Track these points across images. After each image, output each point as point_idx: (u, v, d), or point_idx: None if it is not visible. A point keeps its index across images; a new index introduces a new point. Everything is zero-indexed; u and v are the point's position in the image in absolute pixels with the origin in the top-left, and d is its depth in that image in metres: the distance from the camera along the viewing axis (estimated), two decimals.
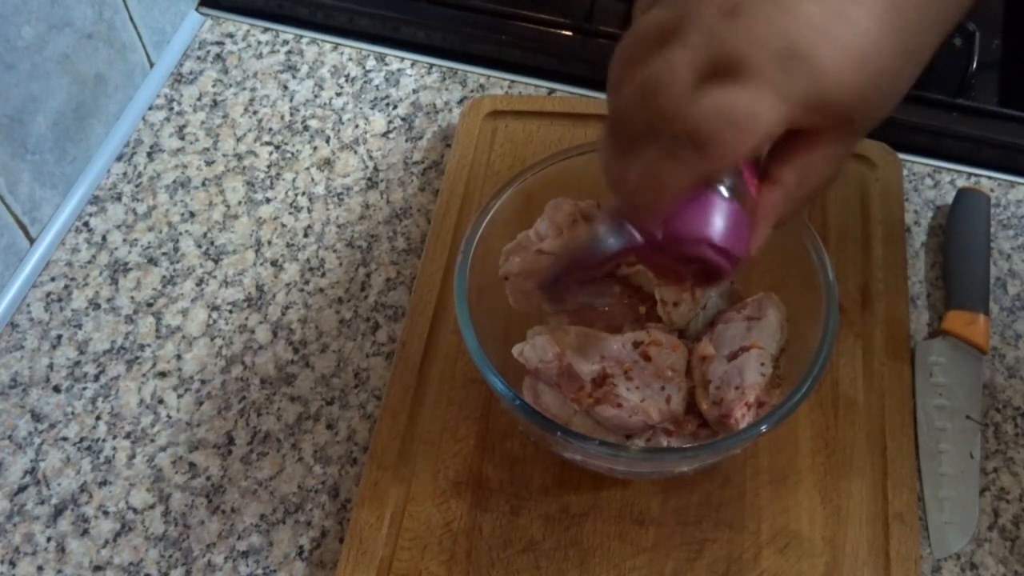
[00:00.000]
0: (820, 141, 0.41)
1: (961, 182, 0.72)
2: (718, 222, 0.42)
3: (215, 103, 0.76)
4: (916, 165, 0.73)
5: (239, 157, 0.73)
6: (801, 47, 0.38)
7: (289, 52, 0.79)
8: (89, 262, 0.68)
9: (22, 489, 0.60)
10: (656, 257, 0.45)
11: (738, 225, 0.42)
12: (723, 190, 0.42)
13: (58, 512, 0.59)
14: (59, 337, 0.65)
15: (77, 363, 0.64)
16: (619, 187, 0.42)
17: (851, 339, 0.62)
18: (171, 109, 0.76)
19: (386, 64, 0.78)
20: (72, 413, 0.62)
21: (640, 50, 0.40)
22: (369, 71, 0.78)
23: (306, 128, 0.75)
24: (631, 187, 0.41)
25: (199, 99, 0.76)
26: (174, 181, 0.72)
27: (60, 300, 0.67)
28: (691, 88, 0.38)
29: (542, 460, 0.58)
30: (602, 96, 0.75)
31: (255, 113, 0.76)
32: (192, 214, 0.70)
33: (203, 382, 0.63)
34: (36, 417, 0.62)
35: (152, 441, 0.61)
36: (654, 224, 0.42)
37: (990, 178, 0.72)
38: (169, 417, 0.62)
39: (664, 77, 0.39)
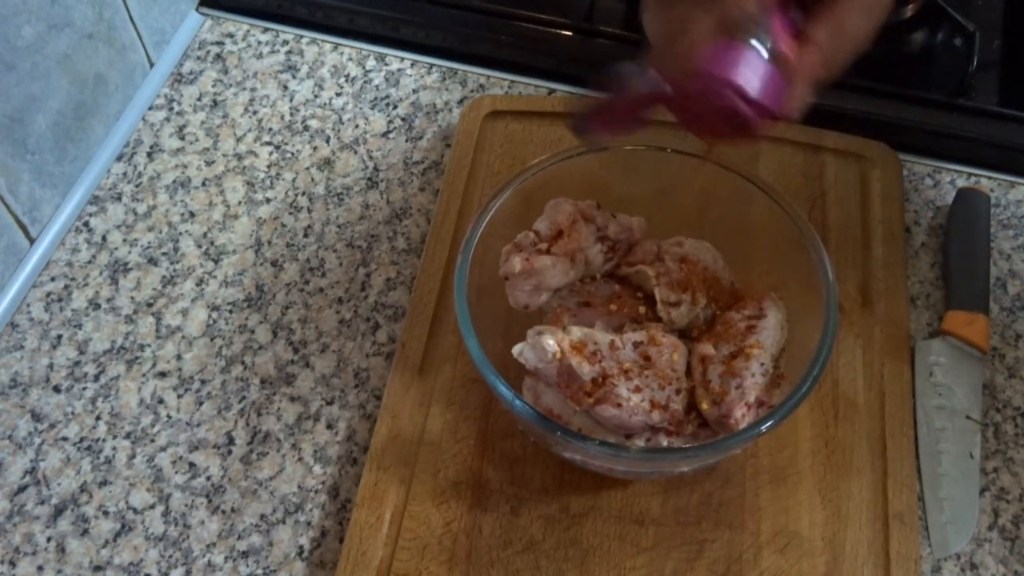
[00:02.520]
0: None
1: (961, 182, 0.72)
2: (748, 72, 0.43)
3: (215, 103, 0.76)
4: (916, 165, 0.73)
5: (239, 157, 0.73)
6: None
7: (289, 52, 0.79)
8: (89, 262, 0.68)
9: (22, 489, 0.60)
10: (686, 107, 0.46)
11: (770, 80, 0.43)
12: (760, 50, 0.43)
13: (58, 512, 0.59)
14: (59, 337, 0.65)
15: (77, 363, 0.64)
16: (654, 39, 0.44)
17: (851, 339, 0.62)
18: (171, 109, 0.76)
19: (386, 64, 0.78)
20: (72, 413, 0.62)
21: None
22: (369, 71, 0.78)
23: (306, 128, 0.75)
24: (663, 35, 0.44)
25: (199, 99, 0.76)
26: (174, 181, 0.72)
27: (60, 300, 0.67)
28: None
29: (542, 460, 0.58)
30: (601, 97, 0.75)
31: (255, 113, 0.76)
32: (192, 214, 0.70)
33: (203, 382, 0.63)
34: (36, 417, 0.62)
35: (152, 441, 0.61)
36: (682, 69, 0.43)
37: (990, 178, 0.72)
38: (169, 417, 0.62)
39: None
